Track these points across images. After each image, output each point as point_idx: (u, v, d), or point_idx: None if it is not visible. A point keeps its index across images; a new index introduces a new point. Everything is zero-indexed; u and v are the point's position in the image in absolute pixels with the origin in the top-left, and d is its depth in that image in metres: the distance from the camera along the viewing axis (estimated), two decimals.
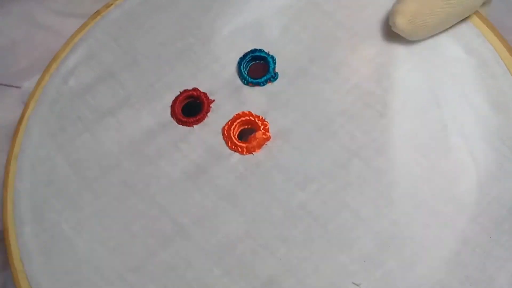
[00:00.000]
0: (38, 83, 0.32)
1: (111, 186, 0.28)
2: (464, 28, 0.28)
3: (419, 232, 0.24)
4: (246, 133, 0.29)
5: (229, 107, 0.29)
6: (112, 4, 0.34)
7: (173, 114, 0.29)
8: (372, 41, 0.29)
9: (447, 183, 0.25)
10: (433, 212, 0.24)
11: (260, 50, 0.30)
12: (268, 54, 0.30)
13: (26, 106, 0.31)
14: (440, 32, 0.28)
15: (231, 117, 0.28)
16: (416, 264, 0.24)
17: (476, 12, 0.28)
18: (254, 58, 0.30)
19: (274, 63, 0.29)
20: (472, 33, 0.28)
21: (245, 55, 0.30)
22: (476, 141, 0.26)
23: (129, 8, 0.33)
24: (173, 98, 0.30)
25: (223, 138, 0.28)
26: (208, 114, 0.29)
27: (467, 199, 0.24)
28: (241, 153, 0.27)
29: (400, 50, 0.28)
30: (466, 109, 0.26)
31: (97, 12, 0.33)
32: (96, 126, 0.29)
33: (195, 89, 0.30)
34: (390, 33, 0.28)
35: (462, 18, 0.27)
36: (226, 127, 0.28)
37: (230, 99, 0.29)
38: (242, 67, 0.30)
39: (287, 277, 0.24)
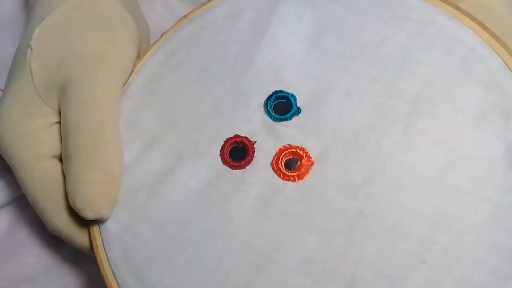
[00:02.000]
0: None
1: (193, 235, 0.32)
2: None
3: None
4: (290, 162, 0.34)
5: (270, 144, 0.34)
6: (132, 71, 0.37)
7: (225, 162, 0.34)
8: (373, 62, 0.34)
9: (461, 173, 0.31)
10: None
11: (281, 91, 0.35)
12: (288, 93, 0.35)
13: None
14: None
15: (274, 152, 0.34)
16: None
17: None
18: (277, 98, 0.35)
19: (295, 100, 0.35)
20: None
21: (269, 97, 0.35)
22: None
23: (150, 71, 0.37)
24: (219, 148, 0.34)
25: (274, 172, 0.33)
26: (255, 154, 0.34)
27: None
28: (294, 181, 0.33)
29: (398, 63, 0.34)
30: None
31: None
32: (161, 188, 0.34)
33: (236, 136, 0.34)
34: (387, 49, 0.34)
35: None
36: (274, 162, 0.33)
37: (269, 137, 0.34)
38: (269, 107, 0.35)
39: (366, 273, 0.30)
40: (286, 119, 0.34)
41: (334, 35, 0.36)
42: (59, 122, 0.34)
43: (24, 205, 0.36)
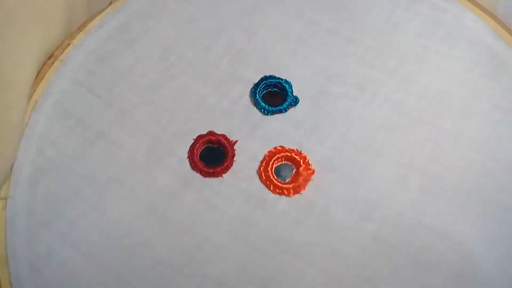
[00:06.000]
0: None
1: (146, 271, 0.23)
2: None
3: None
4: (282, 170, 0.25)
5: (256, 145, 0.25)
6: (69, 44, 0.28)
7: (195, 166, 0.25)
8: (388, 51, 0.27)
9: (500, 172, 0.25)
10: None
11: (273, 77, 0.27)
12: (281, 79, 0.27)
13: None
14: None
15: (262, 156, 0.25)
16: None
17: None
18: (267, 86, 0.27)
19: (291, 87, 0.27)
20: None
21: (258, 83, 0.27)
22: None
23: (95, 47, 0.28)
24: (188, 148, 0.25)
25: (262, 182, 0.25)
26: (235, 158, 0.25)
27: None
28: (288, 195, 0.24)
29: (419, 54, 0.27)
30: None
31: (53, 57, 0.28)
32: (102, 201, 0.24)
33: (211, 133, 0.26)
34: (404, 37, 0.28)
35: None
36: (262, 169, 0.25)
37: (254, 135, 0.26)
38: (257, 96, 0.26)
39: None
40: (280, 111, 0.26)
41: (337, 15, 0.28)
42: None
43: None
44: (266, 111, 0.26)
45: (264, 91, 0.27)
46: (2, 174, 0.24)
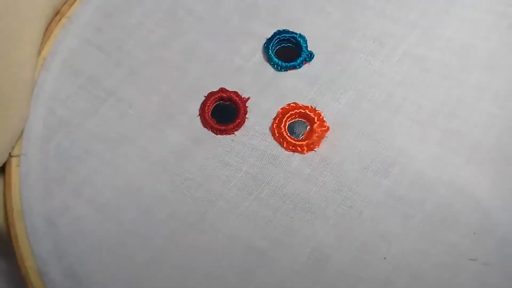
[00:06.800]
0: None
1: (159, 226, 0.23)
2: None
3: None
4: (295, 127, 0.25)
5: (268, 102, 0.25)
6: (75, 0, 0.27)
7: (206, 124, 0.24)
8: (409, 3, 0.26)
9: None
10: None
11: (287, 31, 0.26)
12: (296, 33, 0.26)
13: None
14: None
15: (275, 113, 0.25)
16: None
17: None
18: (280, 41, 0.26)
19: (306, 42, 0.26)
20: None
21: (271, 38, 0.26)
22: None
23: (102, 2, 0.27)
24: (199, 105, 0.25)
25: (275, 139, 0.24)
26: (247, 115, 0.25)
27: None
28: (301, 152, 0.24)
29: (442, 6, 0.26)
30: None
31: (59, 13, 0.27)
32: (115, 159, 0.24)
33: (222, 90, 0.25)
34: None
35: None
36: (275, 126, 0.24)
37: (267, 92, 0.25)
38: (270, 51, 0.25)
39: (399, 276, 0.21)
40: (294, 67, 0.25)
41: None
42: None
43: None
44: (279, 67, 0.25)
45: (277, 47, 0.26)
46: (17, 131, 0.24)
